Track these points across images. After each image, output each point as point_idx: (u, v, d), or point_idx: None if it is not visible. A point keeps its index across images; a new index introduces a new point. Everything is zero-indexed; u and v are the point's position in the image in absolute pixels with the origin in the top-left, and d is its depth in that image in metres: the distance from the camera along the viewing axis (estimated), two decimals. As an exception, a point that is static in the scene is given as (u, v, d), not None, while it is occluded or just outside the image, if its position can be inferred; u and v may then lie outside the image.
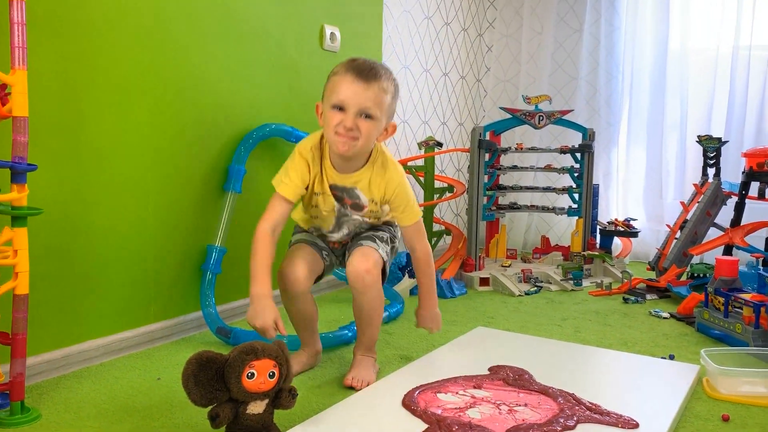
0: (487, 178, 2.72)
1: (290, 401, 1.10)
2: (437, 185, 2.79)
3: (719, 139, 2.66)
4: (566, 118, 2.78)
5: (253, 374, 1.04)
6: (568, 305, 2.27)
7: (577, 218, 2.79)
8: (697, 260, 2.75)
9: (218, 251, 1.81)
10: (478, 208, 2.65)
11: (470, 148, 2.67)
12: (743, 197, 2.44)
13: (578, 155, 2.76)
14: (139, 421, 1.23)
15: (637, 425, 1.16)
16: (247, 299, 1.99)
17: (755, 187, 2.38)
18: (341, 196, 1.47)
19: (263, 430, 1.08)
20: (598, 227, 2.95)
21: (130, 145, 1.60)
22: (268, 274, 1.36)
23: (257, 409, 1.07)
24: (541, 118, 2.73)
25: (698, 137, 2.71)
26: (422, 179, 2.71)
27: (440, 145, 2.75)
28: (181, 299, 1.78)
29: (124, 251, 1.61)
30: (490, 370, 1.45)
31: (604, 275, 2.69)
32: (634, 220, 2.99)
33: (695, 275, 2.44)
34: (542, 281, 2.58)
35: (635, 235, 2.94)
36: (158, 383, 1.43)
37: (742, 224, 2.43)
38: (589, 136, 2.77)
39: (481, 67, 3.62)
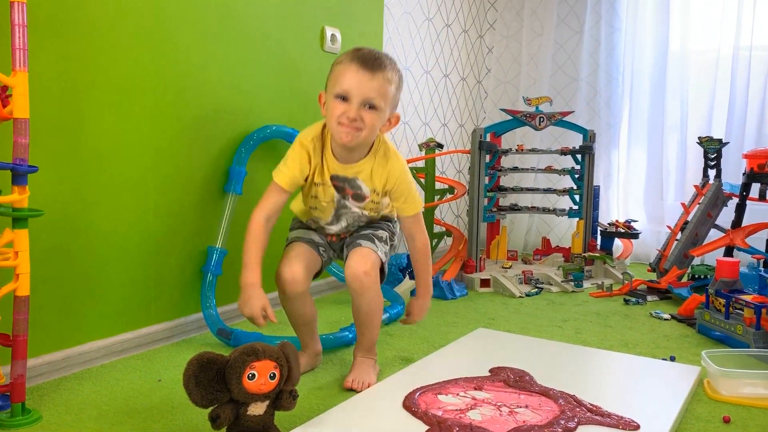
0: (487, 179, 2.72)
1: (291, 403, 1.10)
2: (438, 187, 2.80)
3: (720, 140, 2.66)
4: (567, 119, 2.79)
5: (253, 375, 1.04)
6: (568, 307, 2.26)
7: (577, 220, 2.79)
8: (697, 262, 2.75)
9: (219, 253, 1.81)
10: (478, 209, 2.65)
11: (471, 149, 2.67)
12: (744, 198, 2.44)
13: (579, 157, 2.77)
14: (139, 422, 1.23)
15: (638, 427, 1.16)
16: (247, 301, 2.00)
17: (756, 188, 2.37)
18: (342, 186, 1.45)
19: (264, 431, 1.08)
20: (598, 228, 2.95)
21: (130, 145, 1.60)
22: (258, 262, 1.37)
23: (258, 410, 1.07)
24: (541, 119, 2.73)
25: (699, 138, 2.71)
26: (423, 181, 2.71)
27: (441, 146, 2.76)
28: (181, 301, 1.78)
29: (124, 252, 1.61)
30: (490, 371, 1.45)
31: (604, 277, 2.69)
32: (634, 221, 2.99)
33: (696, 277, 2.44)
34: (543, 283, 2.58)
35: (636, 236, 2.93)
36: (159, 385, 1.43)
37: (742, 225, 2.43)
38: (589, 137, 2.77)
39: (481, 68, 3.62)
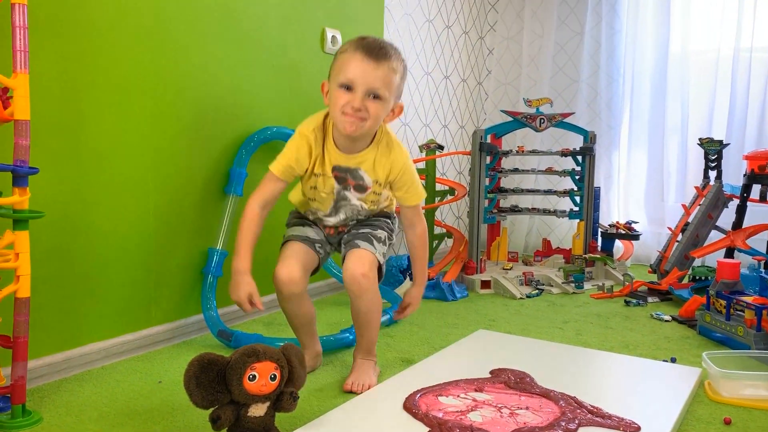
0: (488, 180, 2.72)
1: (291, 404, 1.10)
2: (438, 188, 2.80)
3: (720, 141, 2.66)
4: (567, 120, 2.79)
5: (254, 376, 1.04)
6: (569, 308, 2.26)
7: (578, 221, 2.79)
8: (698, 263, 2.75)
9: (219, 254, 1.81)
10: (479, 210, 2.65)
11: (471, 151, 2.67)
12: (745, 200, 2.44)
13: (579, 158, 2.77)
14: (140, 424, 1.23)
15: (638, 428, 1.16)
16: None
17: (757, 189, 2.37)
18: (344, 177, 1.44)
19: (264, 433, 1.08)
20: (599, 230, 2.95)
21: (130, 146, 1.60)
22: (249, 249, 1.39)
23: (258, 411, 1.07)
24: (542, 120, 2.73)
25: (699, 140, 2.71)
26: (424, 182, 2.71)
27: (441, 148, 2.76)
28: (182, 302, 1.78)
29: (124, 253, 1.61)
30: (491, 373, 1.45)
31: (605, 278, 2.69)
32: (635, 222, 2.99)
33: (697, 278, 2.44)
34: (543, 284, 2.58)
35: (636, 237, 2.93)
36: (159, 386, 1.43)
37: (743, 227, 2.43)
38: (590, 138, 2.78)
39: (482, 70, 3.62)
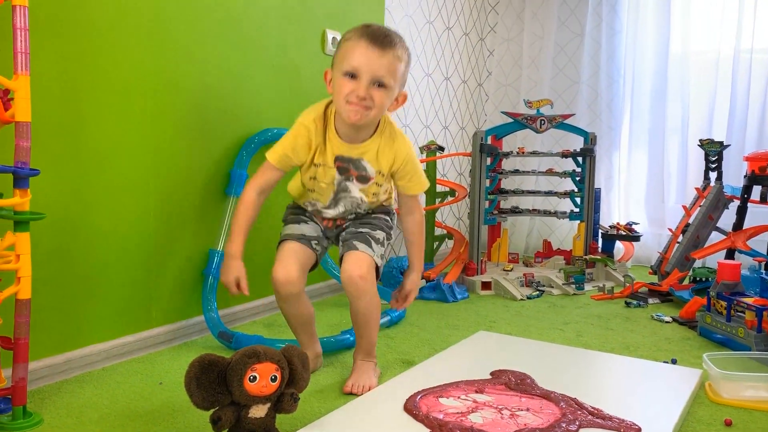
0: (488, 182, 2.72)
1: (292, 405, 1.10)
2: (439, 189, 2.80)
3: (721, 142, 2.66)
4: (568, 122, 2.79)
5: (255, 377, 1.04)
6: (570, 309, 2.26)
7: (578, 222, 2.79)
8: (699, 264, 2.75)
9: (220, 256, 1.81)
10: (479, 212, 2.65)
11: (472, 152, 2.67)
12: (745, 201, 2.44)
13: (580, 159, 2.77)
14: (141, 425, 1.23)
15: (639, 430, 1.16)
16: (249, 303, 2.01)
17: (757, 191, 2.37)
18: (347, 167, 1.43)
19: (265, 434, 1.08)
20: (599, 231, 2.95)
21: (130, 147, 1.60)
22: (243, 234, 1.42)
23: (259, 413, 1.07)
24: (542, 122, 2.73)
25: (700, 141, 2.71)
26: (424, 183, 2.71)
27: (442, 149, 2.76)
28: (182, 303, 1.78)
29: (125, 255, 1.61)
30: (492, 374, 1.44)
31: (606, 279, 2.69)
32: (636, 224, 2.99)
33: (697, 279, 2.44)
34: (544, 285, 2.58)
35: (637, 239, 2.93)
36: (160, 388, 1.43)
37: (744, 228, 2.43)
38: (590, 139, 2.77)
39: (482, 71, 3.62)
